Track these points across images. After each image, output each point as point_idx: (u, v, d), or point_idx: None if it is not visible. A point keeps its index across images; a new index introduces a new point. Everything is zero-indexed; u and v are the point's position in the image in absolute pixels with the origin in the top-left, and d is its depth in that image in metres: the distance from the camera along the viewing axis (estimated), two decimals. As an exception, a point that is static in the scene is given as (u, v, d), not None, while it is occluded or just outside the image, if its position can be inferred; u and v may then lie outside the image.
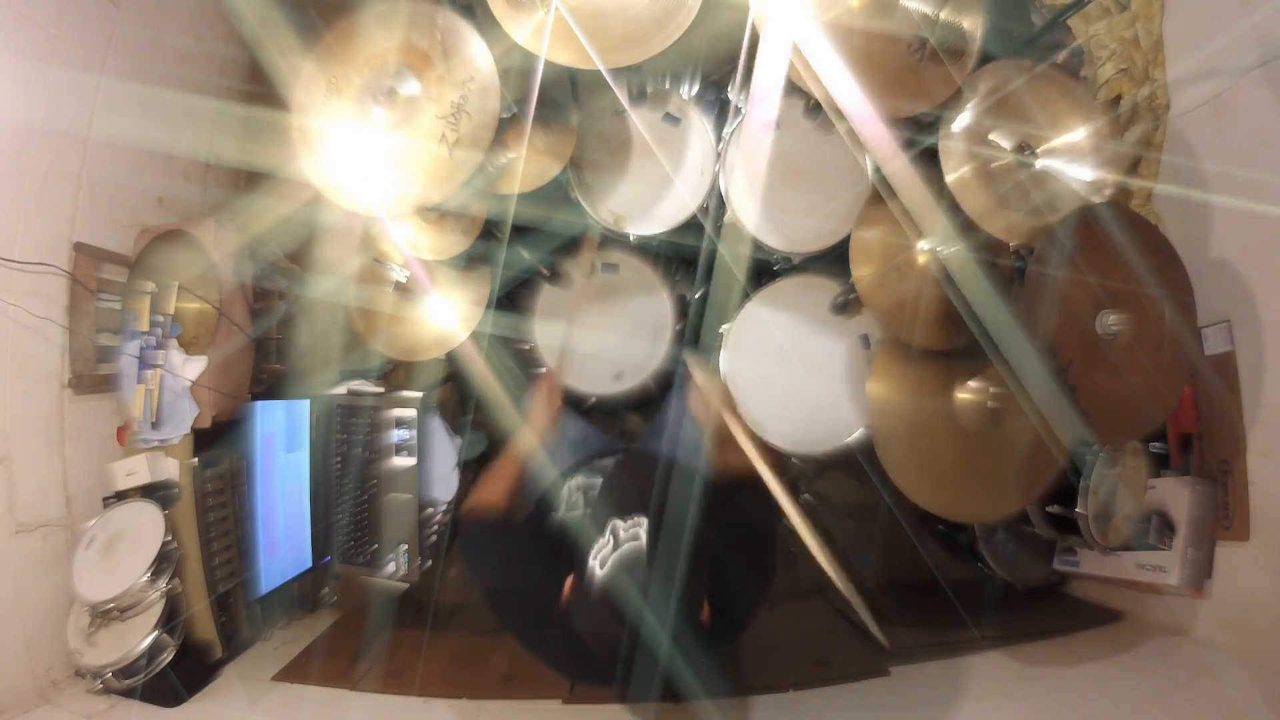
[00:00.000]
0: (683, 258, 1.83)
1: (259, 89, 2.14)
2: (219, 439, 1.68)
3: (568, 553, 1.00)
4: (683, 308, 1.77)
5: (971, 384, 1.36)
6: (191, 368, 1.64)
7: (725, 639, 0.95)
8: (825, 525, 1.96)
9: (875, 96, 1.19)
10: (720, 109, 1.72)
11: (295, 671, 1.64)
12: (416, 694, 1.55)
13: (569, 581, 0.97)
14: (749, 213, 1.56)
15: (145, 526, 1.53)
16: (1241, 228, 1.34)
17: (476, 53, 1.28)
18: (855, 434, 1.54)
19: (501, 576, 1.10)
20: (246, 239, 1.80)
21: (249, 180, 2.21)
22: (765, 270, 1.72)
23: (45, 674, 1.46)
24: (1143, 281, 1.16)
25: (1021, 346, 1.14)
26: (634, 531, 0.89)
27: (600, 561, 0.88)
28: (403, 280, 1.53)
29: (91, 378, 1.61)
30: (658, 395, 1.77)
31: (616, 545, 0.89)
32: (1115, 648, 1.45)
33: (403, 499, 1.72)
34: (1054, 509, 1.52)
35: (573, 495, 1.34)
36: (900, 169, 1.29)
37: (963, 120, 1.29)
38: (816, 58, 1.18)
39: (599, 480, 1.36)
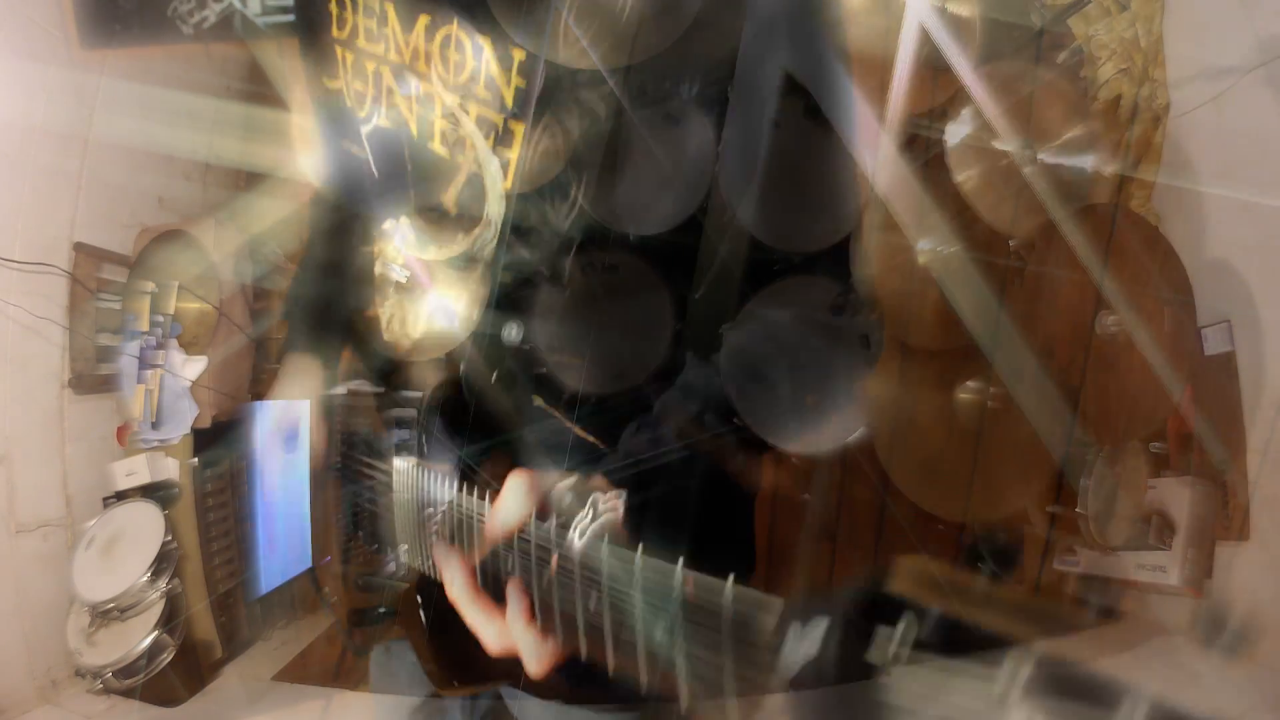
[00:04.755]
0: (683, 258, 1.83)
1: (259, 89, 2.14)
2: (219, 439, 1.68)
3: None
4: (683, 308, 1.77)
5: (971, 384, 1.36)
6: (191, 368, 1.64)
7: None
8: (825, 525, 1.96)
9: (874, 96, 1.19)
10: (720, 109, 1.71)
11: (295, 671, 1.64)
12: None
13: None
14: (749, 213, 1.56)
15: (145, 526, 1.53)
16: (1241, 228, 1.34)
17: (476, 53, 1.27)
18: (855, 434, 1.54)
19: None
20: (246, 239, 1.80)
21: (249, 180, 2.21)
22: (765, 270, 1.72)
23: (45, 674, 1.46)
24: (1142, 281, 1.16)
25: (1021, 347, 1.14)
26: (612, 504, 0.89)
27: (580, 533, 0.87)
28: (403, 280, 1.53)
29: (91, 378, 1.61)
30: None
31: (595, 518, 0.88)
32: (1115, 648, 1.45)
33: (403, 499, 1.72)
34: (1054, 509, 1.52)
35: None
36: (900, 169, 1.29)
37: (963, 120, 1.29)
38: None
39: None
